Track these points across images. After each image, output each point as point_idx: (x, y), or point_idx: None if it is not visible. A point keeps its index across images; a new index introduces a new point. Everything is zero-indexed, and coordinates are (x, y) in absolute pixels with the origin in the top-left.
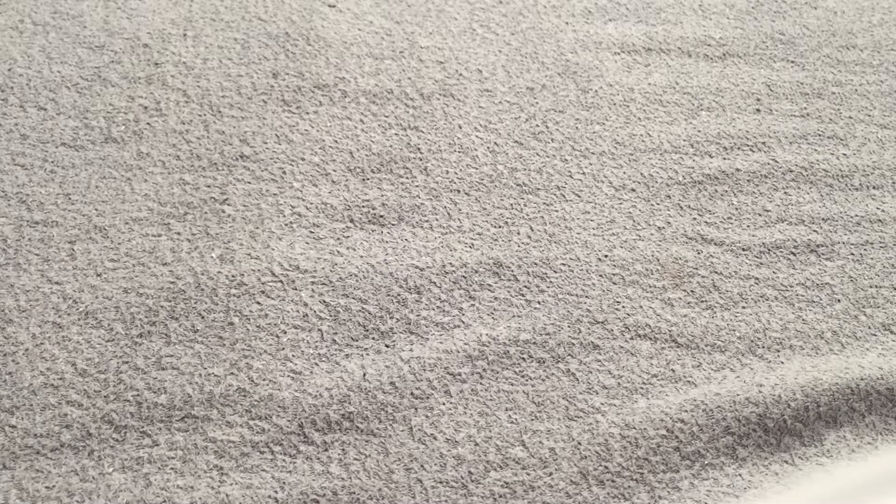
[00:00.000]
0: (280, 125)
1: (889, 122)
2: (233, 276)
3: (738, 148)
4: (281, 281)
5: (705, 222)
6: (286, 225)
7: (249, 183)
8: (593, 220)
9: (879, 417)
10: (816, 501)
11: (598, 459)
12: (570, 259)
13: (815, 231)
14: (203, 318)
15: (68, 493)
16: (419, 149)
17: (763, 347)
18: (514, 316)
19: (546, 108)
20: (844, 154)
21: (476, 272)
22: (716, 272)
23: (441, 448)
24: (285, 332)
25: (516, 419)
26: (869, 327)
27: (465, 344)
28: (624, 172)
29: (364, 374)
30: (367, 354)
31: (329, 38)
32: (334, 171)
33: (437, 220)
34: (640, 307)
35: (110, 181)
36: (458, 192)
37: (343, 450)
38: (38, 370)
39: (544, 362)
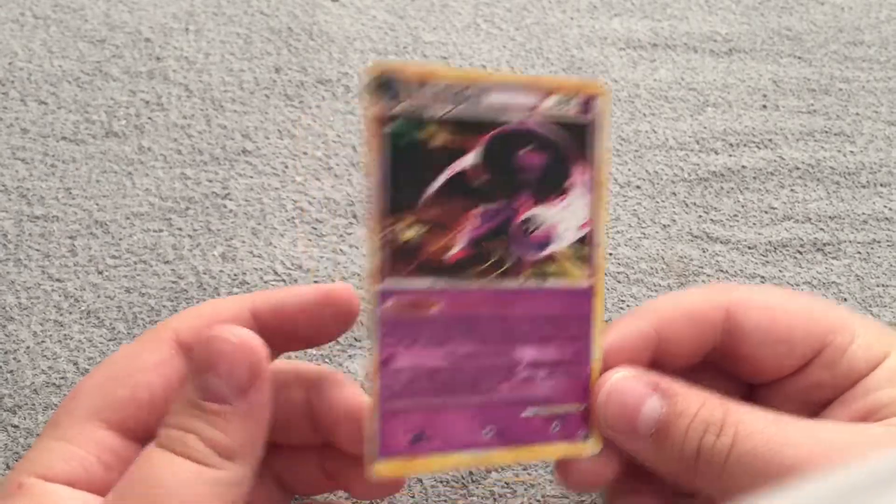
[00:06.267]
0: (282, 120)
1: None
2: (235, 275)
3: (745, 145)
4: (283, 280)
5: (711, 220)
6: (288, 220)
7: (251, 177)
8: None
9: None
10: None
11: None
12: None
13: (821, 229)
14: None
15: None
16: None
17: None
18: None
19: None
20: (852, 151)
21: None
22: (721, 270)
23: None
24: None
25: None
26: None
27: None
28: (629, 169)
29: (367, 375)
30: (370, 355)
31: (332, 33)
32: (337, 165)
33: None
34: None
35: (111, 175)
36: None
37: None
38: (39, 369)
39: None
